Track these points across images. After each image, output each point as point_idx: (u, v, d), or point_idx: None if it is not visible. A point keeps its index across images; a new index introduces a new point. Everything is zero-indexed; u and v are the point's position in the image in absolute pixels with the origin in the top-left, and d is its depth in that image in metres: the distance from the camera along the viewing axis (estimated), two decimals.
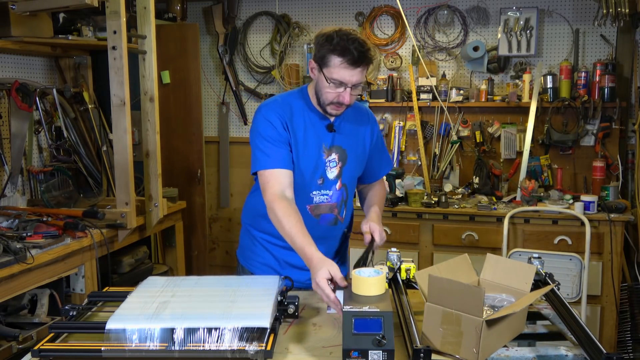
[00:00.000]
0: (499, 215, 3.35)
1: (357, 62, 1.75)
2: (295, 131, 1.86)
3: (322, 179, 1.91)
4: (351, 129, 1.97)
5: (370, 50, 1.80)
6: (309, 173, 1.89)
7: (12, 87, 2.82)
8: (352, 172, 1.98)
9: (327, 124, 1.91)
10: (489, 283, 1.59)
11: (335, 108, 1.84)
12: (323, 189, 1.92)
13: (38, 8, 2.62)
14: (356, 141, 1.98)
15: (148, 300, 1.51)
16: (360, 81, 1.80)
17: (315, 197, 1.91)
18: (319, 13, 4.17)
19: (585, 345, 1.31)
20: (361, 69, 1.77)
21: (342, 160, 1.94)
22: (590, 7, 3.66)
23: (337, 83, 1.77)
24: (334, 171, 1.92)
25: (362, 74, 1.79)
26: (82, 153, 3.21)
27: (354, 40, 1.74)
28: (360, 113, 2.02)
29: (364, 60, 1.76)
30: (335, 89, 1.79)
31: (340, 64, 1.74)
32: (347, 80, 1.76)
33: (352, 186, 2.01)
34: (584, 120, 3.61)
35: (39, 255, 2.30)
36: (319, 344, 1.43)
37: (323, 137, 1.90)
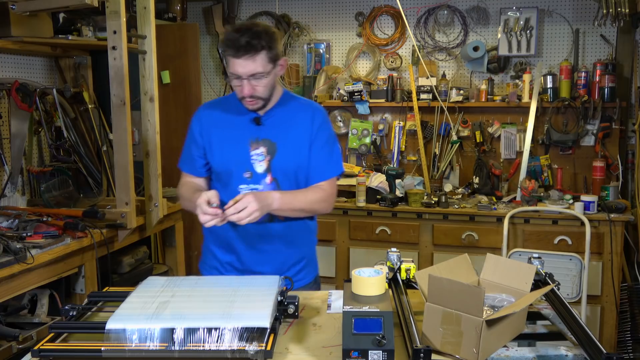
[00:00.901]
0: (499, 215, 3.35)
1: (240, 52, 1.75)
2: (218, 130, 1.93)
3: (249, 173, 1.90)
4: (284, 122, 1.93)
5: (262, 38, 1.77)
6: (234, 166, 1.91)
7: (12, 87, 2.81)
8: (284, 164, 1.91)
9: (253, 117, 1.91)
10: (489, 283, 1.59)
11: (247, 103, 1.85)
12: (252, 182, 1.90)
13: (38, 8, 2.62)
14: (289, 134, 1.92)
15: (148, 300, 1.51)
16: (255, 71, 1.78)
17: (243, 191, 1.89)
18: (319, 13, 4.17)
19: (585, 345, 1.31)
20: (249, 58, 1.75)
21: (271, 154, 1.90)
22: (590, 7, 3.66)
23: (233, 76, 1.80)
24: (262, 165, 1.90)
25: (255, 63, 1.76)
26: (82, 153, 3.20)
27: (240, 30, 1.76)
28: (303, 108, 1.97)
29: (248, 49, 1.75)
30: (237, 85, 1.81)
31: (231, 58, 1.77)
32: (239, 72, 1.77)
33: (287, 181, 1.93)
34: (584, 120, 3.61)
35: (39, 255, 2.29)
36: (319, 344, 1.43)
37: (249, 131, 1.91)
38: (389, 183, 3.58)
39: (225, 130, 1.93)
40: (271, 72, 1.82)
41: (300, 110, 1.96)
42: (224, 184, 1.94)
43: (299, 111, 1.95)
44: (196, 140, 1.98)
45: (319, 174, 1.96)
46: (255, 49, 1.76)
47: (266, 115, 1.93)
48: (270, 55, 1.80)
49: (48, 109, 3.10)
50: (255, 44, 1.76)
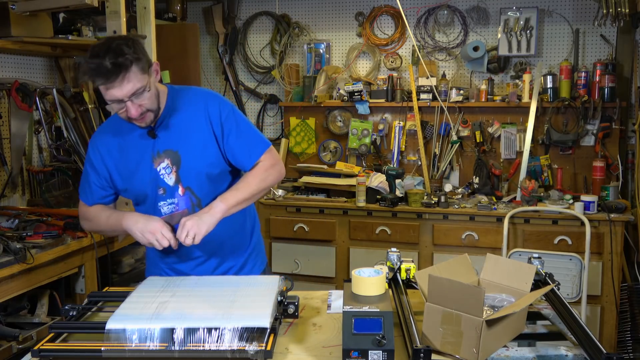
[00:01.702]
0: (499, 215, 3.35)
1: (111, 77, 1.57)
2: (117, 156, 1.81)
3: (163, 189, 1.80)
4: (179, 125, 1.80)
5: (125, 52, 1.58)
6: (147, 186, 1.80)
7: (12, 87, 2.82)
8: (193, 171, 1.80)
9: (146, 131, 1.78)
10: (489, 283, 1.59)
11: (139, 122, 1.71)
12: (168, 197, 1.80)
13: (38, 8, 2.62)
14: (188, 137, 1.79)
15: (148, 300, 1.51)
16: (134, 89, 1.61)
17: (163, 207, 1.81)
18: (319, 13, 4.17)
19: (585, 345, 1.31)
20: (122, 79, 1.58)
21: (176, 164, 1.79)
22: (590, 7, 3.66)
23: (113, 102, 1.63)
24: (171, 177, 1.79)
25: (130, 82, 1.60)
26: (82, 153, 3.20)
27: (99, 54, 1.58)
28: (190, 101, 1.83)
29: (118, 70, 1.57)
30: (121, 110, 1.66)
31: (101, 85, 1.60)
32: (119, 96, 1.61)
33: (200, 185, 1.82)
34: (584, 120, 3.61)
35: (39, 255, 2.30)
36: (319, 344, 1.43)
37: (147, 147, 1.79)
38: (389, 183, 3.58)
39: (125, 154, 1.81)
40: (150, 83, 1.67)
41: (192, 107, 1.82)
42: (144, 206, 1.85)
43: (191, 109, 1.81)
44: (97, 170, 1.84)
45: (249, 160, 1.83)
46: (125, 67, 1.59)
47: (158, 124, 1.79)
48: (142, 66, 1.63)
49: (48, 109, 3.10)
50: (122, 62, 1.58)
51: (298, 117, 4.16)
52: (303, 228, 3.65)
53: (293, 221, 3.66)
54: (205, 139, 1.80)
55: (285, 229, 3.69)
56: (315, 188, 3.80)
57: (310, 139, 4.16)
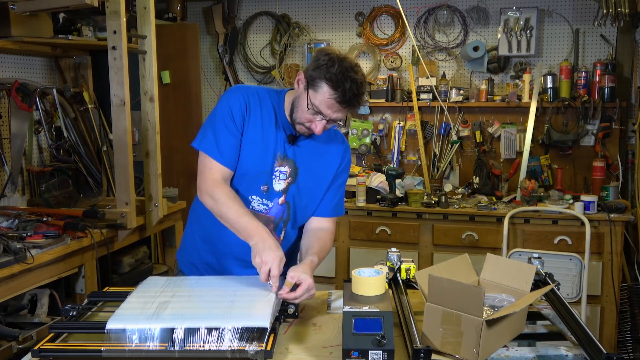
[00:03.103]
0: (499, 215, 3.35)
1: (346, 103, 1.62)
2: (254, 126, 1.75)
3: (267, 187, 1.77)
4: (316, 149, 1.82)
5: (364, 94, 1.67)
6: (254, 174, 1.76)
7: (12, 87, 2.82)
8: (300, 192, 1.80)
9: (290, 134, 1.78)
10: (489, 283, 1.59)
11: (302, 129, 1.72)
12: (265, 197, 1.77)
13: (38, 8, 2.62)
14: (315, 162, 1.81)
15: (148, 300, 1.51)
16: (341, 118, 1.69)
17: (254, 202, 1.77)
18: (319, 13, 4.17)
19: (585, 345, 1.31)
20: (347, 110, 1.66)
21: (292, 177, 1.78)
22: (590, 7, 3.66)
23: (316, 112, 1.65)
24: (281, 184, 1.77)
25: (345, 113, 1.68)
26: (82, 153, 3.21)
27: (353, 79, 1.60)
28: (335, 136, 1.87)
29: (353, 104, 1.63)
30: (311, 115, 1.67)
31: (328, 97, 1.62)
32: (328, 114, 1.65)
33: (298, 210, 1.82)
34: (584, 120, 3.61)
35: (39, 255, 2.29)
36: (319, 344, 1.43)
37: (280, 145, 1.77)
38: (389, 183, 3.58)
39: (262, 129, 1.75)
40: None
41: (335, 143, 1.86)
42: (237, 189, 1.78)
43: (333, 143, 1.86)
44: (236, 124, 1.73)
45: (328, 210, 1.87)
46: (357, 105, 1.66)
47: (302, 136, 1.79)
48: None
49: (48, 109, 3.10)
50: (360, 101, 1.65)
51: None
52: None
53: None
54: (326, 178, 1.84)
55: None
56: None
57: None
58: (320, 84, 1.62)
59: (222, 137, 1.73)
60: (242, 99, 1.76)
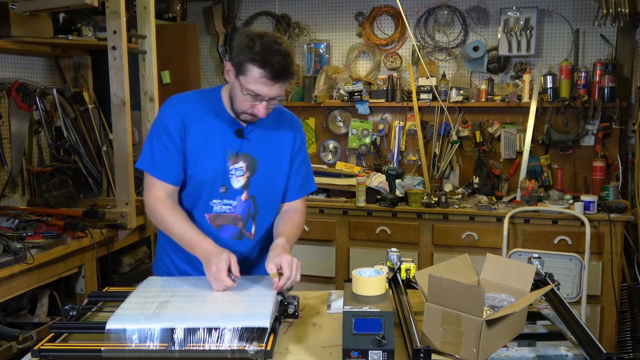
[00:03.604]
0: (499, 215, 3.35)
1: (277, 77, 1.61)
2: (196, 135, 1.74)
3: (224, 188, 1.76)
4: (267, 136, 1.81)
5: (294, 63, 1.65)
6: (210, 180, 1.75)
7: (12, 87, 2.82)
8: (263, 183, 1.80)
9: (236, 129, 1.76)
10: (489, 283, 1.59)
11: (249, 117, 1.72)
12: (225, 198, 1.77)
13: (38, 8, 2.62)
14: (271, 150, 1.81)
15: (148, 300, 1.51)
16: (279, 94, 1.67)
17: (216, 206, 1.77)
18: (319, 13, 4.17)
19: (585, 345, 1.31)
20: (281, 84, 1.63)
21: (250, 170, 1.77)
22: (590, 7, 3.66)
23: (253, 95, 1.64)
24: (239, 180, 1.77)
25: (282, 88, 1.65)
26: (82, 153, 3.20)
27: (277, 51, 1.59)
28: (282, 119, 1.86)
29: (285, 76, 1.62)
30: (250, 101, 1.66)
31: (259, 77, 1.60)
32: (264, 94, 1.63)
33: (263, 200, 1.82)
34: (584, 120, 3.61)
35: (39, 255, 2.29)
36: (319, 344, 1.43)
37: (229, 143, 1.75)
38: (389, 183, 3.58)
39: (209, 138, 1.75)
40: None
41: (283, 125, 1.85)
42: (194, 197, 1.79)
43: (282, 126, 1.85)
44: (174, 140, 1.73)
45: (295, 192, 1.89)
46: (290, 76, 1.64)
47: (249, 127, 1.78)
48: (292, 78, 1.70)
49: (48, 109, 3.10)
50: (291, 72, 1.64)
51: (298, 116, 4.15)
52: (303, 228, 3.64)
53: None
54: (284, 160, 1.85)
55: None
56: None
57: (310, 139, 4.16)
58: (248, 67, 1.60)
59: (159, 154, 1.74)
60: (176, 111, 1.76)
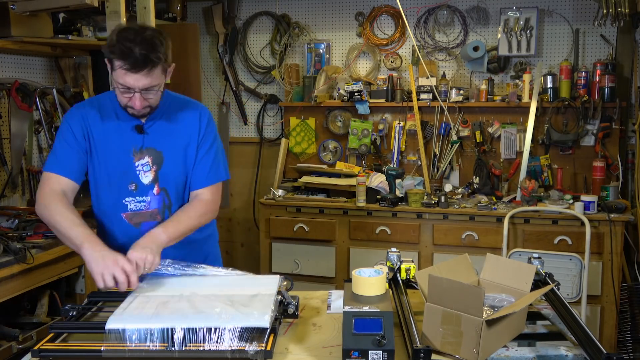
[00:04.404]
0: (499, 215, 3.35)
1: (138, 67, 1.59)
2: (99, 136, 1.75)
3: (134, 185, 1.77)
4: (169, 128, 1.80)
5: (156, 51, 1.61)
6: (117, 178, 1.77)
7: (12, 87, 2.82)
8: (172, 174, 1.80)
9: (135, 124, 1.77)
10: (489, 283, 1.59)
11: (131, 111, 1.71)
12: (138, 195, 1.77)
13: (38, 8, 2.62)
14: (176, 140, 1.80)
15: (148, 300, 1.52)
16: (151, 84, 1.65)
17: (130, 204, 1.78)
18: (319, 13, 4.17)
19: (585, 345, 1.31)
20: (146, 73, 1.61)
21: (157, 164, 1.78)
22: (590, 7, 3.66)
23: (122, 87, 1.64)
24: (148, 175, 1.77)
25: (152, 76, 1.63)
26: None
27: (134, 41, 1.58)
28: (186, 108, 1.85)
29: (147, 64, 1.60)
30: (125, 94, 1.66)
31: (121, 69, 1.60)
32: (132, 85, 1.62)
33: (176, 190, 1.82)
34: (584, 120, 3.61)
35: (39, 255, 2.30)
36: (319, 344, 1.43)
37: (132, 140, 1.76)
38: (389, 183, 3.58)
39: (107, 137, 1.76)
40: (163, 83, 1.71)
41: (186, 115, 1.83)
42: (107, 198, 1.80)
43: (185, 116, 1.83)
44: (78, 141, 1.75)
45: (200, 180, 1.84)
46: (153, 64, 1.62)
47: (149, 121, 1.78)
48: (164, 66, 1.67)
49: (48, 109, 3.11)
50: (153, 58, 1.61)
51: (298, 117, 4.16)
52: (303, 228, 3.65)
53: (293, 221, 3.66)
54: (190, 148, 1.82)
55: (285, 229, 3.69)
56: (315, 188, 3.80)
57: (310, 139, 4.16)
58: (113, 62, 1.62)
59: (60, 151, 1.75)
60: (77, 114, 1.78)
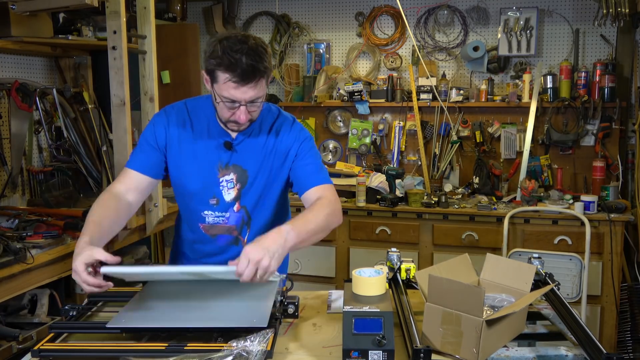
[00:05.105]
0: (499, 215, 3.35)
1: (247, 78, 1.52)
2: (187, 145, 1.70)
3: (216, 200, 1.73)
4: (259, 146, 1.73)
5: (263, 61, 1.54)
6: (198, 191, 1.73)
7: (12, 87, 2.82)
8: (254, 194, 1.75)
9: (224, 141, 1.70)
10: (489, 283, 1.59)
11: (234, 126, 1.65)
12: (218, 210, 1.74)
13: (38, 8, 2.62)
14: (264, 160, 1.73)
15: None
16: (257, 96, 1.57)
17: (208, 217, 1.75)
18: (319, 13, 4.17)
19: (585, 345, 1.31)
20: (254, 84, 1.54)
21: (241, 182, 1.73)
22: (590, 7, 3.66)
23: (228, 101, 1.57)
24: (230, 193, 1.73)
25: (258, 88, 1.56)
26: (82, 153, 3.20)
27: (240, 51, 1.51)
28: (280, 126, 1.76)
29: (255, 75, 1.53)
30: (229, 108, 1.58)
31: (228, 81, 1.53)
32: (238, 98, 1.55)
33: (256, 208, 1.78)
34: (584, 120, 3.61)
35: (39, 255, 2.29)
36: (319, 344, 1.43)
37: (218, 155, 1.71)
38: (389, 183, 3.58)
39: (197, 147, 1.71)
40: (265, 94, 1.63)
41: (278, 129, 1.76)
42: (187, 207, 1.79)
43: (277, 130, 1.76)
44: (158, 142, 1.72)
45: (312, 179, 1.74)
46: (260, 74, 1.54)
47: (239, 138, 1.72)
48: (268, 77, 1.60)
49: (48, 109, 3.10)
50: (261, 68, 1.54)
51: (298, 117, 4.16)
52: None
53: None
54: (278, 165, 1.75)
55: None
56: None
57: None
58: (218, 73, 1.54)
59: (139, 148, 1.73)
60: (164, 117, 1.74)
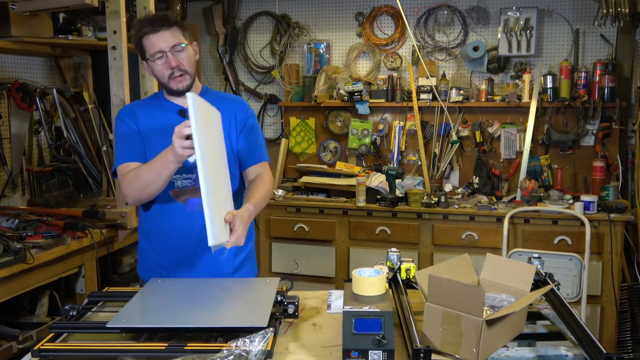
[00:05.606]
0: (499, 215, 3.35)
1: (158, 25, 1.80)
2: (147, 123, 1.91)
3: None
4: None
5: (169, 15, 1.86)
6: None
7: (12, 87, 2.82)
8: None
9: (179, 109, 1.92)
10: (489, 283, 1.59)
11: (177, 80, 1.86)
12: (184, 172, 1.87)
13: (38, 8, 2.62)
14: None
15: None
16: (177, 42, 1.83)
17: (177, 181, 1.88)
18: (319, 13, 4.17)
19: (585, 345, 1.31)
20: (168, 31, 1.81)
21: None
22: (590, 7, 3.66)
23: (157, 55, 1.82)
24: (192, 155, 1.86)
25: (175, 35, 1.83)
26: (82, 153, 3.21)
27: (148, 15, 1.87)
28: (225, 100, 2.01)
29: (165, 22, 1.81)
30: (161, 63, 1.83)
31: (147, 37, 1.81)
32: (161, 47, 1.81)
33: None
34: (584, 120, 3.61)
35: (39, 255, 2.30)
36: (319, 344, 1.43)
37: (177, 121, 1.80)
38: (389, 183, 3.58)
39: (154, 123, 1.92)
40: (189, 47, 1.89)
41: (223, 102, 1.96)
42: None
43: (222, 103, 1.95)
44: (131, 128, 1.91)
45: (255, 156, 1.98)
46: (169, 21, 1.83)
47: None
48: (183, 30, 1.87)
49: (48, 109, 3.10)
50: (169, 17, 1.85)
51: (298, 117, 4.16)
52: (303, 228, 3.65)
53: (293, 221, 3.67)
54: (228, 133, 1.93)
55: (285, 229, 3.69)
56: (315, 188, 3.80)
57: (310, 139, 4.16)
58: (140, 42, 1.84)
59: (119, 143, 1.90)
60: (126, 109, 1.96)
